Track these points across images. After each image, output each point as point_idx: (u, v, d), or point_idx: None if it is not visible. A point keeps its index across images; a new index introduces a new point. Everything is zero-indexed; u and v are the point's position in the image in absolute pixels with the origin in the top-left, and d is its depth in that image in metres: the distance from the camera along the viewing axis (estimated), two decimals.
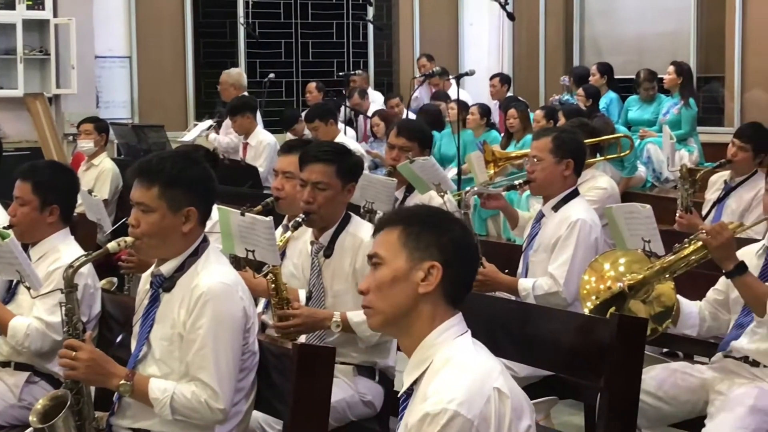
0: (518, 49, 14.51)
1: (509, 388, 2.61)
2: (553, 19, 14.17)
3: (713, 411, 4.11)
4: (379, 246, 2.73)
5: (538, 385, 4.75)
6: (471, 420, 2.50)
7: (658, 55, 12.42)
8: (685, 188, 6.56)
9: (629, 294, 4.25)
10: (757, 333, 4.25)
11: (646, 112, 10.86)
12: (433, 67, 11.91)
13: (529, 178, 5.17)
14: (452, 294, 2.68)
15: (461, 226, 2.75)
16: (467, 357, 2.63)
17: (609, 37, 13.68)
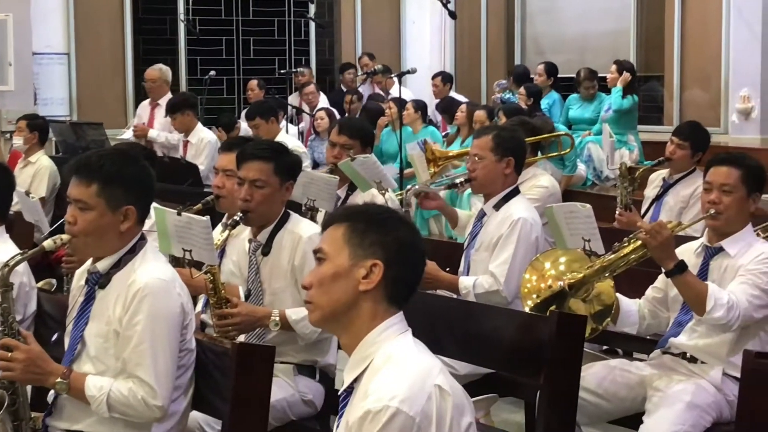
0: (460, 48, 14.55)
1: (450, 385, 2.61)
2: (495, 17, 14.22)
3: (651, 407, 4.15)
4: (325, 241, 2.72)
5: (478, 382, 4.77)
6: (413, 417, 2.49)
7: (599, 54, 12.52)
8: (625, 186, 6.60)
9: (569, 293, 4.27)
10: (696, 331, 4.29)
11: (587, 110, 10.93)
12: (374, 65, 11.90)
13: (470, 177, 5.17)
14: (394, 293, 2.67)
15: (409, 226, 2.74)
16: (408, 355, 2.63)
17: (550, 36, 13.76)
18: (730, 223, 4.33)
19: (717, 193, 4.33)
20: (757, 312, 4.14)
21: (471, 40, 14.39)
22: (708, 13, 11.57)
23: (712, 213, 4.32)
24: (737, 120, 11.13)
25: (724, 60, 11.32)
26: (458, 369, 4.69)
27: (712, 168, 4.42)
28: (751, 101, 10.98)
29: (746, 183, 4.33)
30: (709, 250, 4.38)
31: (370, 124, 7.18)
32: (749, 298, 4.11)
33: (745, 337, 4.19)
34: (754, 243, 4.34)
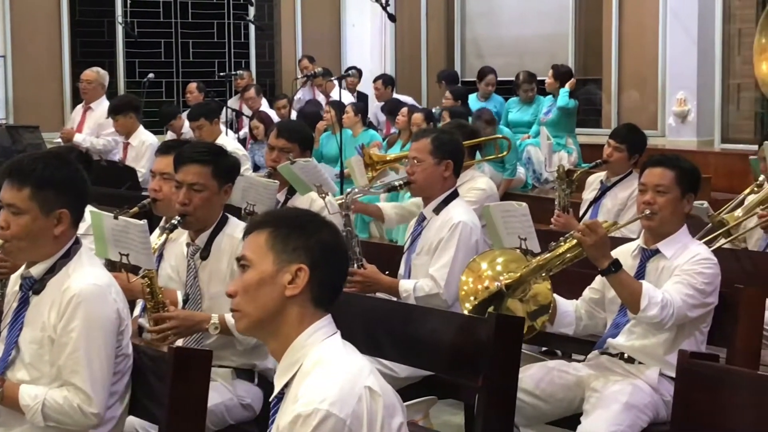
0: (400, 51, 14.58)
1: (380, 386, 2.61)
2: (435, 20, 14.26)
3: (589, 408, 4.17)
4: (247, 248, 2.70)
5: (418, 385, 4.78)
6: (343, 419, 2.49)
7: (538, 57, 12.59)
8: (563, 188, 6.64)
9: (507, 293, 4.28)
10: (634, 332, 4.32)
11: (526, 113, 11.00)
12: (315, 68, 11.88)
13: (409, 180, 5.17)
14: (320, 297, 2.67)
15: (331, 228, 2.74)
16: (337, 357, 2.62)
17: (490, 39, 13.82)
18: (665, 223, 4.37)
19: (652, 194, 4.37)
20: (691, 311, 4.18)
21: (411, 43, 14.42)
22: (645, 16, 11.69)
23: (647, 213, 4.36)
24: (674, 123, 11.26)
25: (661, 63, 11.45)
26: (398, 372, 4.70)
27: (646, 169, 4.46)
28: (687, 104, 11.11)
29: (680, 184, 4.38)
30: (645, 252, 4.42)
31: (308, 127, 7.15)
32: (683, 297, 4.15)
33: (680, 337, 4.24)
34: (690, 244, 4.38)
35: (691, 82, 11.06)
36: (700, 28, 10.90)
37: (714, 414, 3.36)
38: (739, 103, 11.14)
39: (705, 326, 4.30)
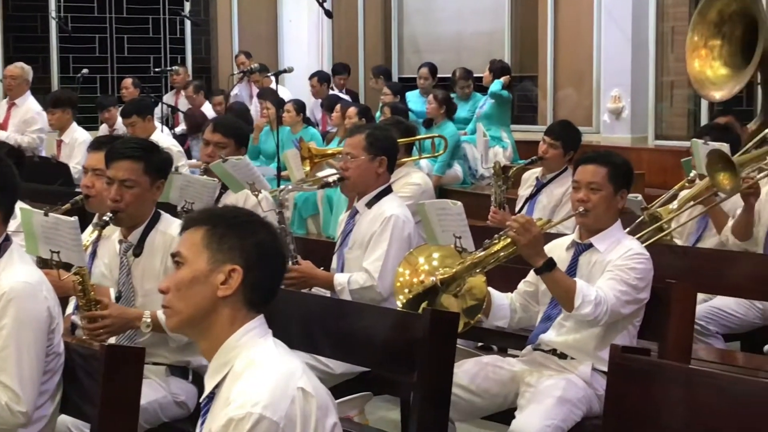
0: (338, 47, 14.56)
1: (313, 386, 2.59)
2: (372, 17, 14.26)
3: (523, 403, 4.19)
4: (183, 245, 2.67)
5: (354, 381, 4.78)
6: (277, 422, 2.47)
7: (476, 54, 12.64)
8: (499, 185, 6.67)
9: (442, 288, 4.28)
10: (564, 326, 4.35)
11: (463, 110, 11.04)
12: (251, 64, 11.83)
13: (342, 176, 5.16)
14: (254, 298, 2.64)
15: (268, 230, 2.70)
16: (269, 359, 2.60)
17: (428, 36, 13.84)
18: (599, 220, 4.39)
19: (585, 191, 4.39)
20: (624, 307, 4.21)
21: (348, 40, 14.41)
22: (580, 14, 11.79)
23: (581, 211, 4.38)
24: (608, 119, 11.36)
25: (596, 61, 11.55)
26: (333, 368, 4.70)
27: (580, 167, 4.49)
28: (621, 101, 11.22)
29: (613, 180, 4.40)
30: (578, 246, 4.45)
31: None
32: (617, 294, 4.18)
33: (613, 332, 4.27)
34: (623, 239, 4.42)
35: (625, 79, 11.17)
36: (634, 26, 11.01)
37: (646, 408, 3.39)
38: (673, 100, 11.28)
39: (637, 321, 4.33)
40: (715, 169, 5.44)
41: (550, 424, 4.04)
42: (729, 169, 5.42)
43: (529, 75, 12.68)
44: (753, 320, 5.64)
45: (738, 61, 8.12)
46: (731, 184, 5.42)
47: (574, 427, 4.15)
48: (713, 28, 8.20)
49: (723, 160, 5.44)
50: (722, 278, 5.30)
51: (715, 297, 5.67)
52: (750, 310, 5.62)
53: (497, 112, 10.57)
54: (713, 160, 5.44)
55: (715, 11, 8.18)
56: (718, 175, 5.44)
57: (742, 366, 5.06)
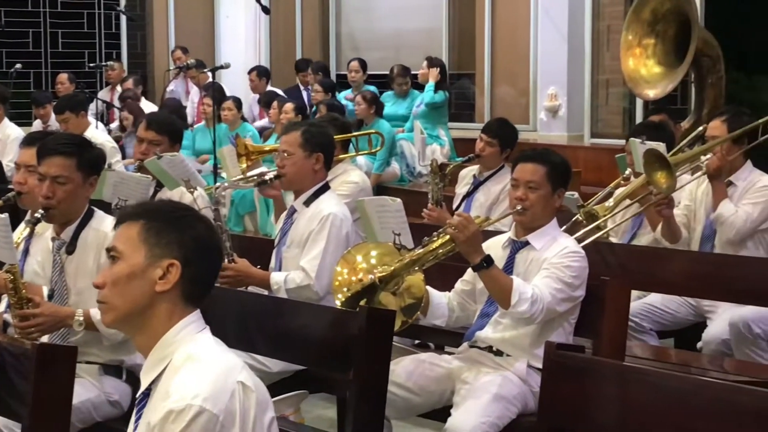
0: (275, 43, 14.51)
1: (253, 381, 2.59)
2: (310, 13, 14.23)
3: (459, 400, 4.20)
4: (119, 239, 2.64)
5: (290, 379, 4.76)
6: (216, 415, 2.46)
7: (413, 51, 12.64)
8: (436, 182, 6.67)
9: (380, 286, 4.28)
10: (501, 323, 4.36)
11: (401, 107, 11.04)
12: (188, 59, 11.75)
13: (279, 173, 5.13)
14: (191, 293, 2.62)
15: (206, 224, 2.69)
16: (209, 353, 2.59)
17: (365, 33, 13.85)
18: (536, 218, 4.41)
19: (523, 189, 4.40)
20: (560, 305, 4.24)
21: (286, 36, 14.36)
22: (517, 12, 11.85)
23: (519, 209, 4.40)
24: (545, 118, 11.43)
25: (533, 59, 11.61)
26: (270, 366, 4.67)
27: (518, 165, 4.50)
28: (558, 99, 11.29)
29: (551, 179, 4.42)
30: (515, 243, 4.47)
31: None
32: (552, 292, 4.20)
33: (548, 329, 4.29)
34: (559, 237, 4.44)
35: (561, 77, 11.24)
36: (570, 24, 11.09)
37: (580, 404, 3.41)
38: (608, 98, 11.37)
39: (573, 318, 4.36)
40: (652, 169, 5.49)
41: (485, 421, 4.05)
42: (665, 168, 5.48)
43: (467, 73, 12.73)
44: (686, 317, 5.70)
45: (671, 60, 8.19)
46: (667, 183, 5.48)
47: (510, 424, 4.16)
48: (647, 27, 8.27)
49: (659, 159, 5.49)
50: (656, 275, 5.35)
51: (649, 294, 5.73)
52: (683, 307, 5.68)
53: (433, 112, 10.59)
54: (650, 160, 5.50)
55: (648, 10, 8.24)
56: (655, 174, 5.50)
57: (676, 363, 5.12)
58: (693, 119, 8.29)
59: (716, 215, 5.63)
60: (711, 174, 5.66)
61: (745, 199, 5.67)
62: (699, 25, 8.25)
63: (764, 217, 5.65)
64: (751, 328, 5.15)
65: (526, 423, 4.16)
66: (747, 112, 6.05)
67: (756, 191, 5.68)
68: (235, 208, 9.45)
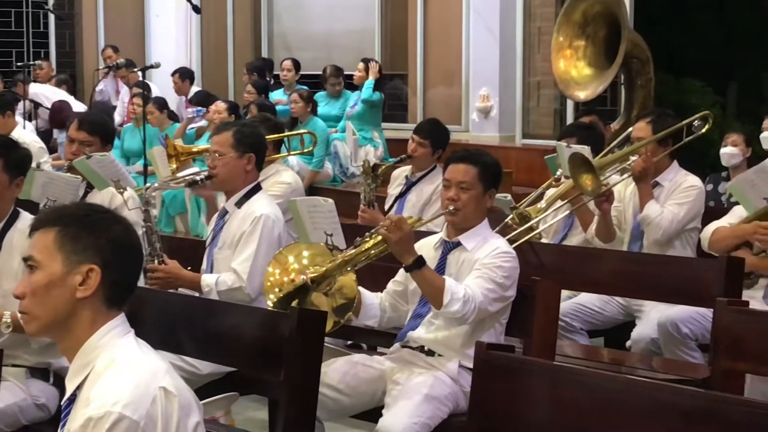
0: (206, 43, 14.42)
1: (176, 386, 2.56)
2: (241, 13, 14.16)
3: (390, 401, 4.20)
4: (35, 248, 2.59)
5: (221, 381, 4.72)
6: (137, 421, 2.44)
7: (346, 51, 12.65)
8: (368, 183, 6.67)
9: (312, 287, 4.27)
10: (434, 323, 4.37)
11: (334, 108, 11.03)
12: (118, 58, 11.62)
13: (210, 174, 5.09)
14: (113, 296, 2.59)
15: (123, 225, 2.64)
16: (131, 358, 2.56)
17: (298, 33, 13.81)
18: (468, 219, 4.43)
19: (455, 190, 4.41)
20: (491, 305, 4.25)
21: (217, 36, 14.28)
22: (449, 13, 11.89)
23: (450, 209, 4.41)
24: (477, 118, 11.48)
25: (465, 59, 11.66)
26: (200, 368, 4.64)
27: (450, 165, 4.51)
28: (490, 100, 11.35)
29: (483, 180, 4.44)
30: (447, 244, 4.48)
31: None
32: (484, 292, 4.22)
33: (480, 329, 4.30)
34: (490, 238, 4.46)
35: (493, 78, 11.30)
36: (502, 25, 11.15)
37: (511, 404, 3.42)
38: (539, 99, 11.46)
39: (504, 318, 4.38)
40: (578, 172, 5.55)
41: (416, 422, 4.05)
42: (590, 171, 5.53)
43: (400, 73, 12.75)
44: (616, 316, 5.76)
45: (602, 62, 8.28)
46: (593, 185, 5.53)
47: (441, 424, 4.17)
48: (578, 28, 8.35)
49: (584, 163, 5.55)
50: (586, 275, 5.39)
51: (579, 294, 5.78)
52: (613, 307, 5.73)
53: (368, 113, 10.60)
54: (575, 163, 5.55)
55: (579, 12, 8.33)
56: (580, 177, 5.55)
57: (606, 361, 5.16)
58: (622, 120, 8.38)
59: (643, 216, 5.69)
60: (636, 175, 5.72)
61: (672, 199, 5.74)
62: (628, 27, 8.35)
63: (690, 217, 5.73)
64: (679, 328, 5.21)
65: (457, 423, 4.17)
66: (671, 113, 6.12)
67: (682, 191, 5.75)
68: (166, 209, 9.38)
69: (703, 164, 8.45)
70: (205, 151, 6.57)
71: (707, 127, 5.95)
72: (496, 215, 5.97)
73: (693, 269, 5.19)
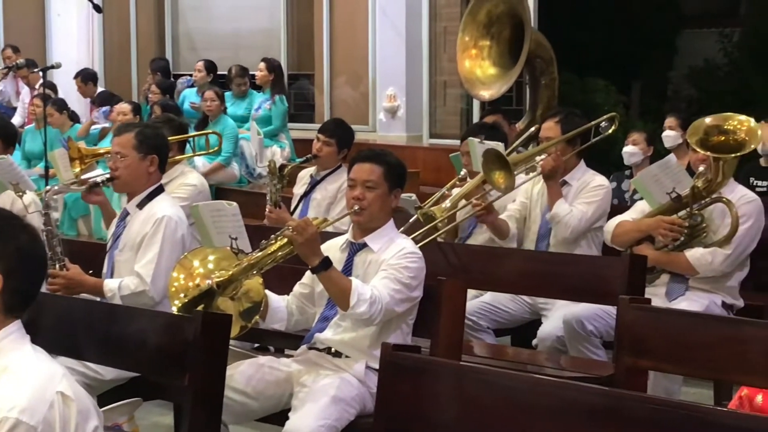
0: (109, 43, 14.23)
1: (74, 391, 2.54)
2: (144, 13, 14.00)
3: (297, 403, 4.17)
4: None
5: (125, 386, 4.65)
6: (34, 426, 2.42)
7: (253, 51, 12.58)
8: (274, 183, 6.64)
9: (218, 291, 4.22)
10: (341, 325, 4.35)
11: (239, 108, 10.96)
12: (18, 58, 11.40)
13: (112, 175, 5.02)
14: (12, 304, 2.55)
15: (29, 232, 2.60)
16: (27, 364, 2.52)
17: (203, 33, 13.71)
18: (373, 218, 4.42)
19: (361, 189, 4.40)
20: (398, 305, 4.24)
21: (120, 35, 14.10)
22: (355, 13, 11.89)
23: (356, 209, 4.39)
24: (384, 118, 11.50)
25: (371, 60, 11.67)
26: (103, 374, 4.56)
27: (356, 165, 4.50)
28: (397, 100, 11.37)
29: (388, 180, 4.43)
30: (353, 245, 4.46)
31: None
32: (391, 293, 4.21)
33: (387, 330, 4.30)
34: (396, 238, 4.45)
35: (400, 78, 11.33)
36: (408, 25, 11.18)
37: (417, 404, 3.41)
38: (446, 99, 11.51)
39: (411, 319, 4.38)
40: (491, 168, 5.57)
41: (323, 424, 4.03)
42: (504, 168, 5.56)
43: (306, 73, 12.71)
44: (522, 315, 5.80)
45: (506, 61, 8.33)
46: (506, 182, 5.56)
47: (348, 425, 4.15)
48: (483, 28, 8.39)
49: (498, 159, 5.57)
50: (492, 274, 5.43)
51: (486, 293, 5.80)
52: (520, 305, 5.77)
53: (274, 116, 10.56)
54: (489, 159, 5.57)
55: (484, 12, 8.36)
56: (493, 174, 5.58)
57: (512, 360, 5.18)
58: (528, 120, 8.44)
59: (552, 215, 5.75)
60: (546, 174, 5.77)
61: (580, 198, 5.81)
62: (532, 27, 8.41)
63: (598, 216, 5.80)
64: (584, 325, 5.26)
65: (364, 424, 4.15)
66: (578, 113, 6.19)
67: (590, 191, 5.82)
68: (68, 212, 9.25)
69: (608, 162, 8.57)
70: (110, 152, 6.49)
71: (614, 127, 6.03)
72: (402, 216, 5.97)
73: (597, 267, 5.25)
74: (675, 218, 5.35)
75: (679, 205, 5.35)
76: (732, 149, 5.32)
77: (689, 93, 14.63)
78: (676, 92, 15.04)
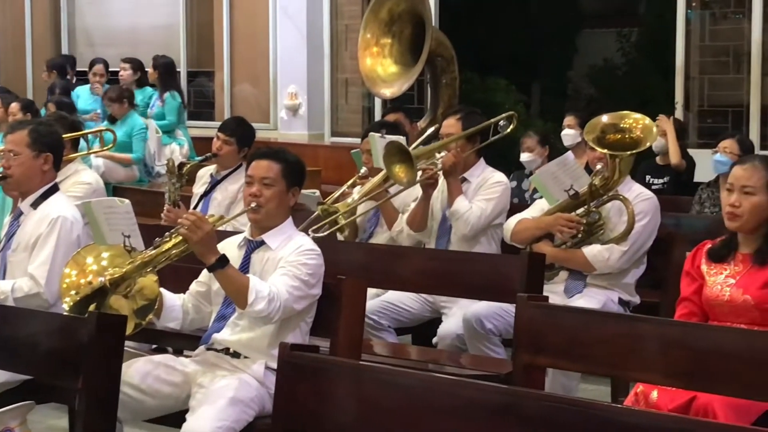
0: (3, 39, 13.95)
1: None
2: (39, 9, 13.77)
3: (195, 404, 4.11)
4: None
5: (17, 390, 4.55)
6: None
7: (152, 48, 12.40)
8: (173, 182, 6.56)
9: (111, 289, 4.15)
10: (239, 325, 4.30)
11: None
12: None
13: (5, 174, 4.93)
14: None
15: None
16: None
17: (101, 29, 13.52)
18: (271, 216, 4.38)
19: (258, 186, 4.37)
20: (297, 303, 4.21)
21: (15, 31, 13.83)
22: (256, 10, 11.83)
23: (253, 206, 4.36)
24: (286, 116, 11.46)
25: (272, 57, 11.61)
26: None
27: (254, 162, 4.47)
28: (298, 98, 11.33)
29: (287, 177, 4.41)
30: (251, 243, 4.42)
31: None
32: (289, 290, 4.18)
33: (285, 329, 4.26)
34: (294, 236, 4.42)
35: (301, 76, 11.29)
36: (309, 23, 11.15)
37: (316, 404, 3.39)
38: (348, 97, 11.50)
39: (309, 318, 4.35)
40: (392, 162, 5.58)
41: (221, 426, 3.97)
42: (406, 161, 5.57)
43: (206, 70, 12.61)
44: (423, 313, 5.80)
45: (407, 60, 8.35)
46: (408, 176, 5.58)
47: (247, 427, 4.10)
48: (384, 26, 8.39)
49: (400, 152, 5.58)
50: (393, 273, 5.42)
51: (387, 291, 5.80)
52: (420, 304, 5.77)
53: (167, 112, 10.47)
54: (391, 152, 5.58)
55: (385, 10, 8.37)
56: (394, 168, 5.59)
57: (413, 359, 5.19)
58: (429, 118, 8.47)
59: (452, 211, 5.77)
60: (446, 170, 5.79)
61: (479, 195, 5.84)
62: (433, 26, 8.44)
63: (497, 213, 5.84)
64: (483, 323, 5.28)
65: (262, 425, 4.11)
66: (479, 111, 6.24)
67: (489, 187, 5.86)
68: None
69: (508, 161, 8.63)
70: (2, 151, 6.34)
71: (512, 126, 6.08)
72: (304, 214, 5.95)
73: (496, 265, 5.27)
74: (573, 215, 5.40)
75: (577, 202, 5.40)
76: (628, 147, 5.40)
77: (588, 92, 14.85)
78: (575, 91, 15.25)
